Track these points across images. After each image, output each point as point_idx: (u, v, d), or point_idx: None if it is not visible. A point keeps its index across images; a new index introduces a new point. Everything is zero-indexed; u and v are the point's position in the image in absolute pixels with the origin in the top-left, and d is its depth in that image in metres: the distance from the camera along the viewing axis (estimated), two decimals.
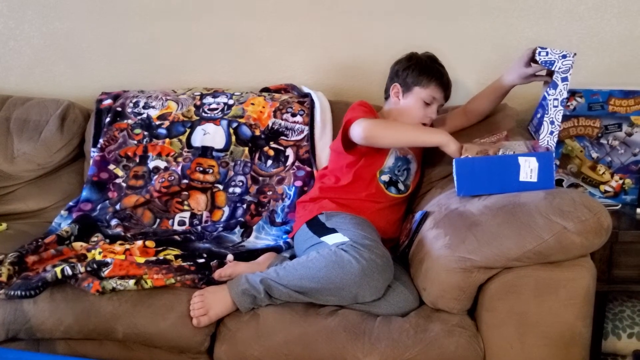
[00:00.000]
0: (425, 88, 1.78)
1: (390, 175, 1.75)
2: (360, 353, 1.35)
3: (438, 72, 1.80)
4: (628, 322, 1.73)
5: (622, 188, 1.82)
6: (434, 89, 1.78)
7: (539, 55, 1.52)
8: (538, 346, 1.34)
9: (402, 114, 1.80)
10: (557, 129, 1.45)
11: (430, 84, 1.78)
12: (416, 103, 1.78)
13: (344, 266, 1.39)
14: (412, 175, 1.81)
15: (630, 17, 1.96)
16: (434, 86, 1.78)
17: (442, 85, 1.79)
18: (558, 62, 1.46)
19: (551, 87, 1.47)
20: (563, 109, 1.45)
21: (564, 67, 1.46)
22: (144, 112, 2.04)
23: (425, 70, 1.79)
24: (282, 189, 1.94)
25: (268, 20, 2.13)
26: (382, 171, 1.74)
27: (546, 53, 1.49)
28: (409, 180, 1.79)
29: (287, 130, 1.98)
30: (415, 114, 1.78)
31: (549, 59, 1.48)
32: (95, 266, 1.53)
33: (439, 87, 1.79)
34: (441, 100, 1.81)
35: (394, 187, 1.75)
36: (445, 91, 1.81)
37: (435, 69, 1.81)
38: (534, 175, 1.42)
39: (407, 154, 1.79)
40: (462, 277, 1.36)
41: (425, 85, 1.78)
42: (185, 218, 1.92)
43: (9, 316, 1.47)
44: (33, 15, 2.23)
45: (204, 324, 1.43)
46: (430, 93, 1.78)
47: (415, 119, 1.78)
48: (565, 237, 1.28)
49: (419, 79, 1.78)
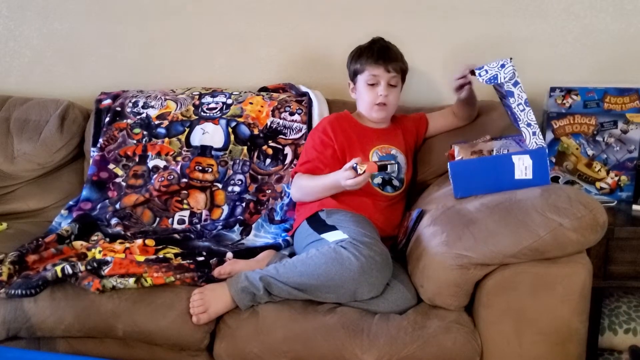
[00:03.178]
0: (363, 72, 1.78)
1: (382, 176, 1.76)
2: (358, 350, 1.36)
3: (370, 52, 1.78)
4: (624, 317, 1.75)
5: (617, 185, 1.83)
6: (370, 69, 1.76)
7: (480, 76, 1.48)
8: (535, 342, 1.35)
9: (359, 106, 1.84)
10: (536, 127, 1.45)
11: (365, 66, 1.77)
12: (363, 89, 1.79)
13: (343, 263, 1.40)
14: (404, 167, 1.81)
15: (625, 16, 1.97)
16: (368, 66, 1.77)
17: (377, 62, 1.76)
18: (500, 73, 1.45)
19: (508, 96, 1.46)
20: (530, 107, 1.45)
21: (508, 75, 1.45)
22: (143, 112, 2.05)
23: (358, 56, 1.80)
24: (281, 187, 1.95)
25: (266, 19, 2.14)
26: (372, 175, 1.74)
27: (485, 71, 1.47)
28: (402, 173, 1.80)
29: (285, 129, 1.99)
30: (366, 99, 1.79)
31: (491, 75, 1.46)
32: (96, 265, 1.54)
33: (372, 64, 1.76)
34: (384, 75, 1.76)
35: (389, 185, 1.76)
36: (384, 65, 1.75)
37: (369, 49, 1.79)
38: (528, 172, 1.43)
39: (389, 151, 1.80)
40: (459, 274, 1.36)
41: (361, 69, 1.79)
42: (185, 217, 1.93)
43: (10, 315, 1.48)
44: (32, 16, 2.24)
45: (204, 321, 1.44)
46: (369, 73, 1.76)
47: (368, 104, 1.79)
48: (561, 234, 1.29)
49: (356, 67, 1.80)
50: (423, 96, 2.08)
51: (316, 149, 1.77)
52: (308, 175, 1.73)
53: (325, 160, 1.74)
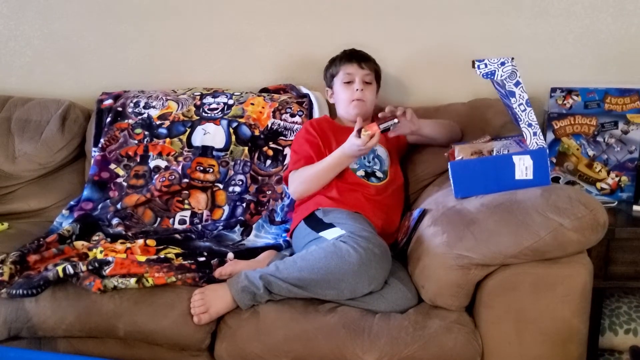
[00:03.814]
0: (338, 73, 1.87)
1: (364, 169, 1.78)
2: (359, 350, 1.36)
3: (342, 54, 1.89)
4: (625, 318, 1.75)
5: (618, 185, 1.83)
6: (344, 67, 1.85)
7: (479, 68, 1.47)
8: (536, 342, 1.35)
9: (338, 108, 1.90)
10: (537, 127, 1.45)
11: (340, 67, 1.86)
12: (340, 89, 1.86)
13: (342, 256, 1.40)
14: (386, 160, 1.82)
15: (626, 16, 1.97)
16: (342, 65, 1.86)
17: (349, 60, 1.85)
18: (499, 70, 1.45)
19: (509, 96, 1.46)
20: (531, 108, 1.45)
21: (507, 74, 1.44)
22: (145, 112, 2.05)
23: (331, 62, 1.91)
24: (281, 188, 1.95)
25: (267, 20, 2.14)
26: (353, 168, 1.77)
27: (485, 65, 1.46)
28: (385, 166, 1.81)
29: (285, 130, 2.00)
30: (343, 97, 1.85)
31: (489, 69, 1.45)
32: (97, 265, 1.54)
33: (345, 62, 1.86)
34: (358, 71, 1.84)
35: (373, 176, 1.78)
36: (357, 62, 1.85)
37: (342, 53, 1.89)
38: (529, 172, 1.43)
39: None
40: (460, 274, 1.37)
41: (336, 70, 1.88)
42: (186, 217, 1.93)
43: (11, 315, 1.48)
44: (33, 16, 2.24)
45: (205, 321, 1.44)
46: (344, 72, 1.85)
47: (345, 102, 1.85)
48: (562, 234, 1.29)
49: (331, 70, 1.90)
50: (423, 97, 2.08)
51: (304, 147, 1.81)
52: (306, 167, 1.76)
53: (316, 153, 1.78)
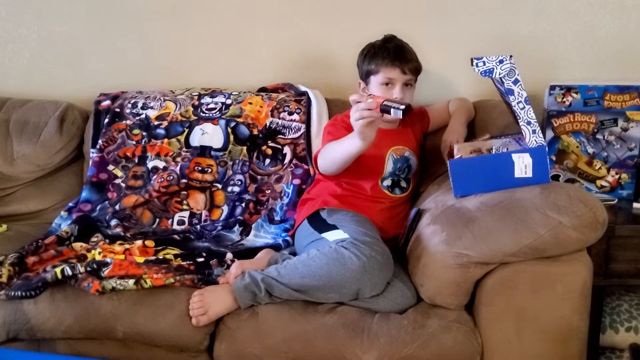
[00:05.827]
0: (377, 73, 1.71)
1: (392, 178, 1.75)
2: (359, 350, 1.36)
3: (385, 52, 1.71)
4: (625, 315, 1.74)
5: (618, 183, 1.82)
6: (386, 71, 1.70)
7: (477, 66, 1.45)
8: (536, 341, 1.35)
9: None
10: (536, 125, 1.45)
11: (380, 67, 1.71)
12: (376, 90, 1.72)
13: (344, 263, 1.39)
14: (414, 169, 1.80)
15: (625, 13, 1.97)
16: (384, 68, 1.70)
17: (393, 63, 1.69)
18: (497, 68, 1.43)
19: (508, 94, 1.45)
20: (530, 105, 1.44)
21: (505, 72, 1.43)
22: (143, 113, 2.05)
23: (372, 56, 1.73)
24: (281, 187, 1.95)
25: (265, 20, 2.13)
26: (383, 178, 1.73)
27: (483, 63, 1.44)
28: (410, 174, 1.79)
29: (284, 128, 1.99)
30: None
31: (487, 67, 1.44)
32: (95, 266, 1.54)
33: (389, 66, 1.69)
34: (400, 77, 1.70)
35: (397, 187, 1.75)
36: (400, 66, 1.69)
37: (384, 49, 1.72)
38: (528, 170, 1.42)
39: (403, 152, 1.78)
40: (459, 273, 1.36)
41: (376, 70, 1.72)
42: (185, 217, 1.93)
43: (10, 316, 1.48)
44: (31, 18, 2.23)
45: (203, 323, 1.44)
46: (384, 75, 1.70)
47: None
48: (561, 232, 1.29)
49: (370, 67, 1.73)
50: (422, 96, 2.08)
51: (341, 131, 1.69)
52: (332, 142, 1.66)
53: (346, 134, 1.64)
